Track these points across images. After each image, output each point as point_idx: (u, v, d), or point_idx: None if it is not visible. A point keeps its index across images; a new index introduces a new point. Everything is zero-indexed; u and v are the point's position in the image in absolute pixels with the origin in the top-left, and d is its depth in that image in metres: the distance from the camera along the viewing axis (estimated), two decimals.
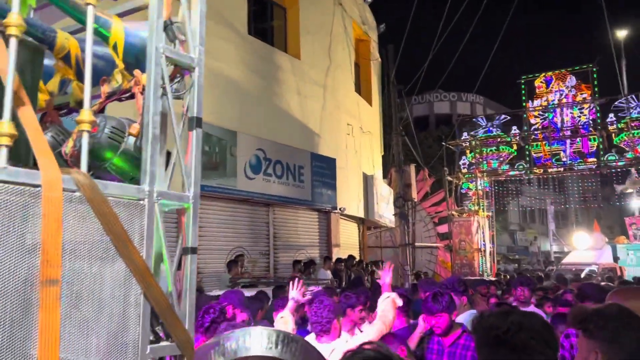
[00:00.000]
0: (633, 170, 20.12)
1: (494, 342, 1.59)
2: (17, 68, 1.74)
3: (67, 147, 2.22)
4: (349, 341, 3.38)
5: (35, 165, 1.71)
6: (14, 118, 1.69)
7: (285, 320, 3.74)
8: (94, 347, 1.77)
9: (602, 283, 12.12)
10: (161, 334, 1.98)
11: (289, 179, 13.02)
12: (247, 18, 12.79)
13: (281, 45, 14.45)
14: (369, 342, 1.48)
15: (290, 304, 4.01)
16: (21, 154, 1.80)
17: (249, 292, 6.36)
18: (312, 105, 14.80)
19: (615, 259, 21.30)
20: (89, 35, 1.98)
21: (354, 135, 17.12)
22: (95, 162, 2.20)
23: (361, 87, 18.60)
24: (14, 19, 1.69)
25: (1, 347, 1.53)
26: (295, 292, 4.10)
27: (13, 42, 1.68)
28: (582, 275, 18.80)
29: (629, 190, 20.18)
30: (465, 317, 5.07)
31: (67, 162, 2.14)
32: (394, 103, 20.33)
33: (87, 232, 1.77)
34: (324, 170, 14.33)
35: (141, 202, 1.95)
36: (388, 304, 3.27)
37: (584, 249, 24.01)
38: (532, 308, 6.02)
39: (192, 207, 2.14)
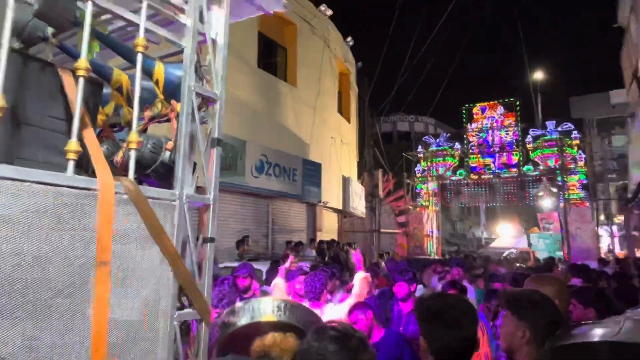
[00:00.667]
0: (544, 178, 20.33)
1: (432, 319, 1.61)
2: (83, 98, 1.75)
3: (118, 157, 2.24)
4: (333, 308, 3.38)
5: (93, 174, 1.72)
6: (79, 137, 1.70)
7: (279, 287, 3.70)
8: (135, 310, 1.79)
9: (518, 264, 12.23)
10: (185, 303, 2.00)
11: (285, 178, 13.02)
12: (257, 55, 12.79)
13: (282, 76, 14.44)
14: (335, 321, 1.50)
15: (281, 272, 3.97)
16: (84, 165, 1.81)
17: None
18: (304, 122, 14.80)
19: (529, 244, 21.58)
20: (138, 73, 1.99)
21: (335, 145, 17.15)
22: (141, 170, 2.20)
23: (342, 109, 18.60)
24: (83, 63, 1.70)
25: (67, 310, 1.55)
26: (287, 264, 4.11)
27: (81, 81, 1.70)
28: (503, 256, 19.06)
29: (540, 194, 20.39)
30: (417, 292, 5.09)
31: (117, 168, 2.16)
32: (367, 122, 20.42)
33: (132, 225, 1.78)
34: (312, 172, 14.33)
35: (173, 202, 1.97)
36: (362, 281, 3.27)
37: (506, 236, 24.34)
38: (465, 283, 6.04)
39: (212, 207, 2.15)
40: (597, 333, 1.32)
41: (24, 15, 1.90)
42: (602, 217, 23.06)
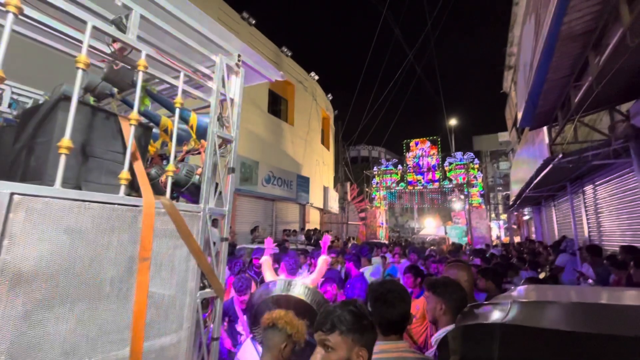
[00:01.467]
0: (456, 189, 20.56)
1: (377, 299, 1.53)
2: (135, 137, 1.64)
3: (163, 178, 2.10)
4: (305, 278, 3.23)
5: (139, 194, 1.60)
6: (131, 168, 1.59)
7: (267, 262, 3.40)
8: (168, 291, 1.66)
9: (433, 247, 12.11)
10: (206, 285, 1.88)
11: (285, 187, 12.84)
12: (267, 104, 12.70)
13: (284, 118, 14.34)
14: (357, 301, 1.36)
15: (267, 252, 3.65)
16: (134, 187, 1.69)
17: (260, 245, 6.00)
18: (298, 150, 14.70)
19: (445, 233, 21.70)
20: (176, 121, 1.88)
21: (319, 165, 17.05)
22: (178, 188, 2.08)
23: (324, 141, 18.51)
24: (134, 115, 1.59)
25: (111, 295, 1.41)
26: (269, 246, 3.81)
27: (132, 127, 1.59)
28: (427, 240, 19.10)
29: (453, 199, 20.61)
30: (372, 269, 4.94)
31: (163, 186, 2.03)
32: (340, 150, 20.46)
33: (167, 230, 1.66)
34: (303, 183, 14.19)
35: (198, 213, 1.85)
36: (323, 262, 3.14)
37: (430, 227, 24.41)
38: (405, 262, 5.92)
39: (226, 216, 2.04)
40: (492, 315, 1.22)
41: (96, 79, 1.78)
42: (493, 215, 23.37)
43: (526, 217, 18.84)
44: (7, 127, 2.15)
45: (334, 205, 18.37)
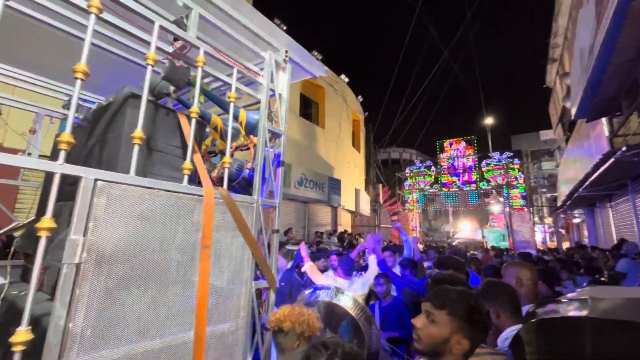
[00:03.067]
0: (494, 191, 19.57)
1: (438, 282, 1.45)
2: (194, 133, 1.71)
3: (214, 173, 2.18)
4: (359, 279, 3.16)
5: (200, 184, 1.66)
6: (191, 159, 1.66)
7: (312, 267, 3.32)
8: (226, 279, 1.70)
9: (474, 252, 11.55)
10: (259, 275, 1.91)
11: (317, 189, 12.90)
12: (299, 107, 12.89)
13: (316, 121, 14.46)
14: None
15: (307, 259, 3.41)
16: (194, 178, 1.76)
17: (295, 247, 6.01)
18: (330, 152, 14.73)
19: (483, 237, 20.67)
20: (230, 116, 1.95)
21: (350, 168, 16.97)
22: (229, 183, 2.14)
23: (355, 144, 18.43)
24: (195, 109, 1.66)
25: (177, 280, 1.47)
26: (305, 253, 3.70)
27: (194, 121, 1.66)
28: (463, 244, 18.25)
29: (491, 202, 19.62)
30: None
31: (214, 182, 2.10)
32: (371, 152, 20.24)
33: (225, 220, 1.71)
34: (335, 185, 14.18)
35: (252, 204, 1.89)
36: (373, 261, 3.07)
37: (466, 231, 23.42)
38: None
39: (277, 207, 2.07)
40: (572, 311, 1.13)
41: (155, 79, 1.89)
42: (536, 219, 21.92)
43: (576, 220, 17.44)
44: (76, 127, 2.35)
45: (365, 208, 18.16)
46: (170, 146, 1.80)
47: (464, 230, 24.14)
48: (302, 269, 3.31)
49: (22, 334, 0.99)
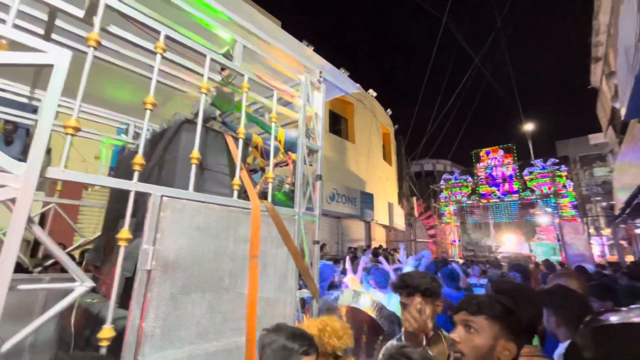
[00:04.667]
0: (540, 201, 18.31)
1: (500, 292, 1.38)
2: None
3: (257, 189, 2.33)
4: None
5: (247, 198, 1.80)
6: (240, 176, 1.80)
7: (354, 280, 3.39)
8: (272, 288, 1.80)
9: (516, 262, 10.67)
10: (302, 285, 1.98)
11: (349, 204, 12.87)
12: (328, 124, 13.14)
13: (345, 137, 14.62)
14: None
15: (349, 271, 3.43)
16: (241, 194, 1.90)
17: (329, 263, 5.97)
18: (361, 166, 14.74)
19: (530, 250, 19.24)
20: (272, 136, 2.10)
21: (382, 181, 16.79)
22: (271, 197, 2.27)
23: (386, 157, 18.27)
24: (242, 130, 1.82)
25: (229, 288, 1.58)
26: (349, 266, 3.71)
27: (241, 141, 1.81)
28: (511, 256, 17.08)
29: (537, 212, 18.34)
30: None
31: (258, 197, 2.24)
32: (403, 165, 19.95)
33: (271, 232, 1.83)
34: (367, 200, 14.07)
35: (294, 217, 2.00)
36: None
37: (509, 244, 22.05)
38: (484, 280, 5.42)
39: (317, 220, 2.16)
40: (634, 317, 1.07)
41: (205, 104, 2.10)
42: (591, 230, 20.07)
43: (639, 231, 15.74)
44: (133, 152, 2.63)
45: (399, 222, 17.74)
46: (219, 164, 1.97)
47: (508, 243, 22.66)
48: (344, 280, 3.32)
49: (107, 331, 1.14)
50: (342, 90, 2.51)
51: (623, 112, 4.36)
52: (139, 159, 1.36)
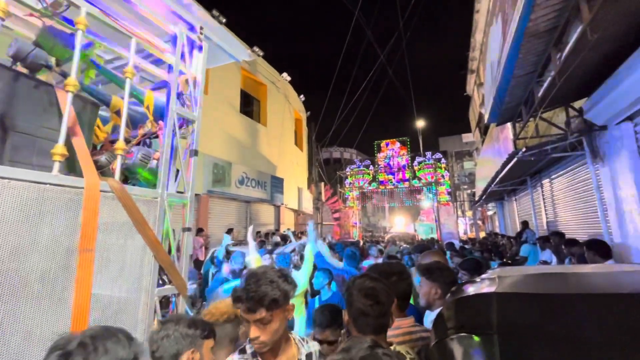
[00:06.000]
0: (424, 188, 21.14)
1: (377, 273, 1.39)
2: (76, 112, 1.38)
3: (114, 165, 1.83)
4: (297, 272, 3.00)
5: (80, 175, 1.33)
6: (68, 143, 1.32)
7: (257, 259, 3.10)
8: (117, 289, 1.40)
9: (407, 245, 12.21)
10: (166, 281, 1.63)
11: (259, 188, 12.48)
12: (240, 105, 12.31)
13: (257, 119, 13.99)
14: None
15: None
16: (76, 168, 1.42)
17: (236, 248, 5.65)
18: (272, 150, 14.40)
19: (415, 230, 22.25)
20: (126, 95, 1.63)
21: (292, 166, 16.82)
22: (132, 175, 1.81)
23: (297, 142, 18.31)
24: (71, 81, 1.33)
25: (42, 295, 1.15)
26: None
27: (69, 95, 1.33)
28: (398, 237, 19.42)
29: (422, 198, 21.19)
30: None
31: (114, 173, 1.76)
32: (313, 151, 20.36)
33: (116, 218, 1.41)
34: (278, 184, 13.90)
35: (155, 199, 1.61)
36: (310, 255, 2.94)
37: (400, 225, 25.02)
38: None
39: (189, 203, 1.80)
40: (483, 288, 1.19)
41: (27, 46, 1.49)
42: (459, 212, 24.25)
43: (490, 212, 19.71)
44: None
45: (308, 206, 18.17)
46: (43, 128, 1.42)
47: (398, 224, 25.73)
48: (246, 259, 3.06)
49: None
50: (231, 56, 2.15)
51: (486, 116, 5.14)
52: None
